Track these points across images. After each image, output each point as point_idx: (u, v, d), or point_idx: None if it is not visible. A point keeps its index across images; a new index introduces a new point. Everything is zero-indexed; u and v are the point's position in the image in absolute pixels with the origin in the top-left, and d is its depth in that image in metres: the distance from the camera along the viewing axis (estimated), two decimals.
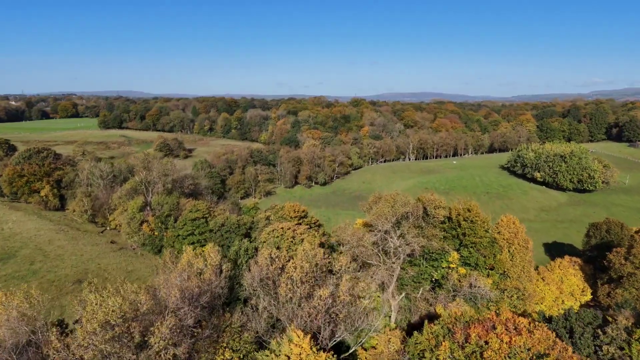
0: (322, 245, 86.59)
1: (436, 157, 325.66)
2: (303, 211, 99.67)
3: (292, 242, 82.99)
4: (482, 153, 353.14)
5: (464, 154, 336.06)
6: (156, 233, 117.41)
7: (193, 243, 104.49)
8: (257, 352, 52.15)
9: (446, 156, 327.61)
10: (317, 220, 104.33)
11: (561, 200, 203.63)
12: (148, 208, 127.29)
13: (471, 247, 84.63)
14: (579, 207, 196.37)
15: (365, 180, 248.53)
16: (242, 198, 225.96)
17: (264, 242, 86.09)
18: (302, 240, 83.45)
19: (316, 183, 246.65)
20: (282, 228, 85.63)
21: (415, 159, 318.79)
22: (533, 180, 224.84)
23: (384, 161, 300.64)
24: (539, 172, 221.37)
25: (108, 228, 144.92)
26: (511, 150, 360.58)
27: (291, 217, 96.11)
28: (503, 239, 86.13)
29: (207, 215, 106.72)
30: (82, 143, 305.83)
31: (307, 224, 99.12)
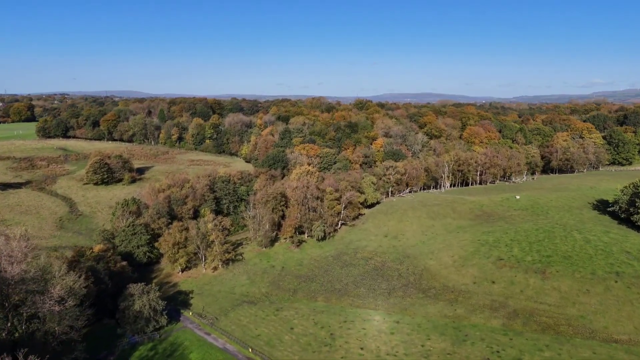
0: None
1: (480, 183, 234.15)
2: None
3: None
4: (534, 175, 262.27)
5: (514, 178, 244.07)
6: None
7: None
8: None
9: (492, 181, 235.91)
10: None
11: None
12: None
13: None
14: None
15: (389, 232, 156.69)
16: (184, 269, 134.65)
17: None
18: None
19: (310, 236, 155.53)
20: None
21: (451, 186, 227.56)
22: None
23: (410, 191, 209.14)
24: None
25: None
26: (577, 171, 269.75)
27: None
28: None
29: None
30: None
31: None
